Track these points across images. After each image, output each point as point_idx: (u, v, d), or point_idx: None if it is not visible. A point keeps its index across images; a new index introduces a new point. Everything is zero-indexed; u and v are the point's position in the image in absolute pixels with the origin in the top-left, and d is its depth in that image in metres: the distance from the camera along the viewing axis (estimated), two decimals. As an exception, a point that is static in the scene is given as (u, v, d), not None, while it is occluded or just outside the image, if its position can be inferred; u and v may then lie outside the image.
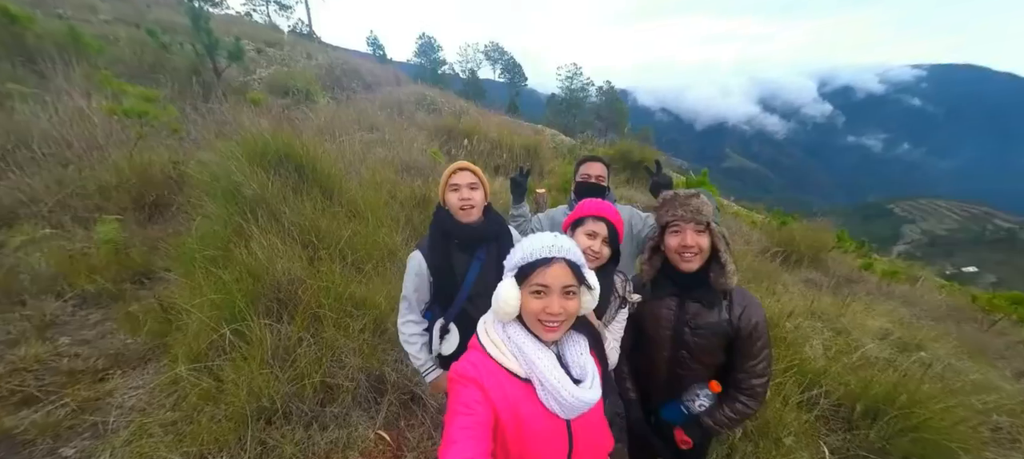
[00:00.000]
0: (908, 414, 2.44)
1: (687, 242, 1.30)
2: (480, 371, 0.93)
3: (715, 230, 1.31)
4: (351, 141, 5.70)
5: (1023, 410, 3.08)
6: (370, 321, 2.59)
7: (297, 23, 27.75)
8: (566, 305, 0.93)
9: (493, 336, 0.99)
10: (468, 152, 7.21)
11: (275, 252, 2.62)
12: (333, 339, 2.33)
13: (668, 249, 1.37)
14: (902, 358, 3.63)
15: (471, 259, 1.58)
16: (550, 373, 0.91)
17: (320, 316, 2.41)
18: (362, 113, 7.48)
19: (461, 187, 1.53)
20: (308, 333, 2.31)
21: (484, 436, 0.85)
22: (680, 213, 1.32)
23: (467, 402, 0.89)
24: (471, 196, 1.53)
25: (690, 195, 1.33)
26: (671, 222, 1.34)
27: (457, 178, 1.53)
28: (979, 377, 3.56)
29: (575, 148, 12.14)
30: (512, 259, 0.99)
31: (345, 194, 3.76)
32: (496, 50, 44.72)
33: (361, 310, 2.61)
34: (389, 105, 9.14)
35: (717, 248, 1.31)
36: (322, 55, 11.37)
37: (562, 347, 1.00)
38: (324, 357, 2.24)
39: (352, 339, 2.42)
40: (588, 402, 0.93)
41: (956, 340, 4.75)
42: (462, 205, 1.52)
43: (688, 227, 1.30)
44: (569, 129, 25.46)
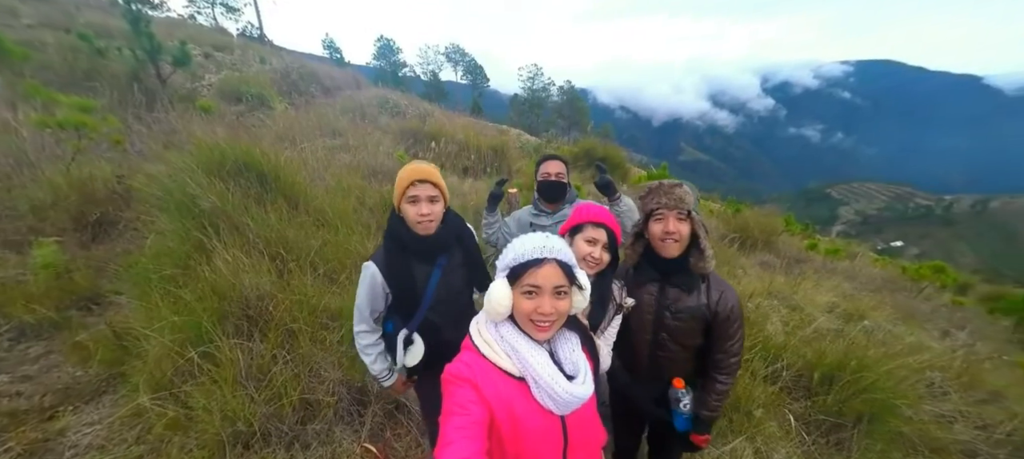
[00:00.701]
0: (858, 378, 2.68)
1: (669, 228, 1.36)
2: (474, 371, 0.94)
3: (696, 218, 1.39)
4: (313, 148, 5.49)
5: (950, 365, 3.46)
6: (347, 332, 2.51)
7: (246, 26, 26.18)
8: (557, 305, 0.94)
9: (486, 336, 0.99)
10: (436, 154, 7.13)
11: (241, 267, 2.50)
12: (310, 354, 2.25)
13: (651, 235, 1.43)
14: (849, 328, 3.97)
15: (432, 268, 1.49)
16: (544, 371, 0.93)
17: (294, 331, 2.32)
18: (323, 118, 7.21)
19: (420, 200, 1.40)
20: (283, 349, 2.21)
21: (479, 435, 0.86)
22: (664, 201, 1.38)
23: (462, 402, 0.90)
24: (431, 211, 1.41)
25: (674, 185, 1.40)
26: (655, 210, 1.40)
27: (416, 190, 1.40)
28: (913, 339, 3.95)
29: (540, 147, 12.29)
30: (504, 260, 1.00)
31: (311, 202, 3.63)
32: (457, 52, 44.37)
33: (337, 321, 2.54)
34: (351, 109, 8.85)
35: (697, 235, 1.38)
36: (276, 59, 10.84)
37: (554, 344, 1.02)
38: (301, 373, 2.16)
39: (330, 352, 2.35)
40: (581, 398, 0.95)
41: (891, 308, 5.25)
42: (421, 220, 1.41)
43: (671, 214, 1.37)
44: (533, 128, 25.68)
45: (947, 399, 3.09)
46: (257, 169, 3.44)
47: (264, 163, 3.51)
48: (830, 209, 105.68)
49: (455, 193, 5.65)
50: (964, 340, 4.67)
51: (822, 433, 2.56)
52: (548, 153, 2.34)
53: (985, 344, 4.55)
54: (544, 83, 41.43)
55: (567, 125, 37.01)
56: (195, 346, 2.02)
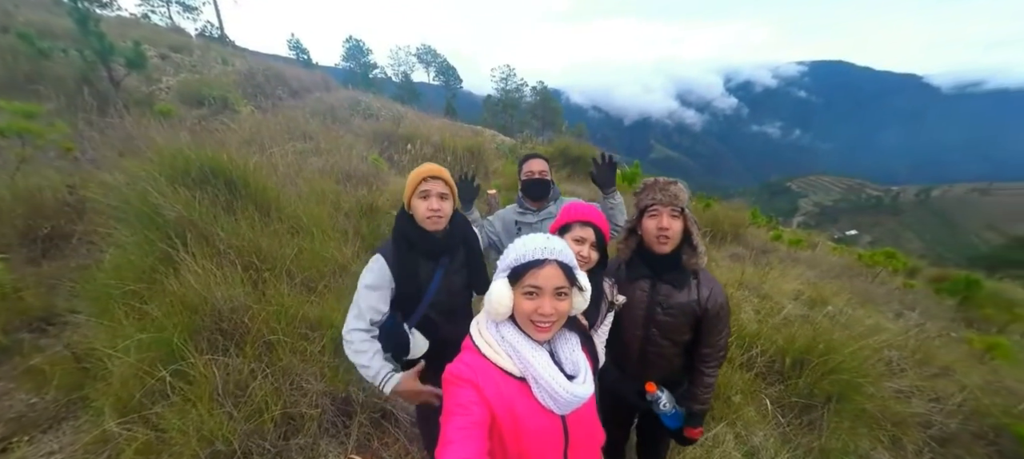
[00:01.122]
0: (826, 361, 2.84)
1: (663, 224, 1.39)
2: (475, 371, 0.94)
3: (688, 216, 1.42)
4: (283, 152, 5.30)
5: (905, 344, 3.72)
6: (329, 341, 2.45)
7: (205, 26, 24.87)
8: (558, 306, 0.95)
9: (487, 336, 0.99)
10: (412, 156, 7.02)
11: (212, 278, 2.38)
12: (290, 366, 2.17)
13: (645, 231, 1.46)
14: (814, 313, 4.19)
15: (435, 266, 1.51)
16: (545, 371, 0.93)
17: (273, 343, 2.23)
18: (292, 121, 6.97)
19: (431, 195, 1.44)
20: (261, 363, 2.12)
21: (480, 436, 0.86)
22: (659, 198, 1.41)
23: (462, 402, 0.89)
24: (441, 207, 1.45)
25: (669, 182, 1.43)
26: (650, 206, 1.43)
27: (427, 185, 1.44)
28: (871, 322, 4.22)
29: (516, 147, 12.35)
30: (505, 260, 1.00)
31: (284, 209, 3.51)
32: (429, 53, 43.82)
33: (318, 331, 2.47)
34: (321, 112, 8.60)
35: (689, 232, 1.42)
36: (239, 60, 10.38)
37: (555, 344, 1.02)
38: (282, 386, 2.08)
39: (311, 363, 2.27)
40: (582, 397, 0.96)
41: (851, 293, 5.59)
42: (431, 216, 1.44)
43: (665, 211, 1.40)
44: (507, 129, 25.77)
45: (904, 376, 3.32)
46: (225, 175, 3.29)
47: (232, 169, 3.36)
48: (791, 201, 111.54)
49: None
50: (916, 320, 5.02)
51: (796, 414, 2.70)
52: (530, 152, 2.36)
53: (934, 322, 4.91)
54: (517, 84, 41.58)
55: (541, 125, 37.32)
56: (165, 364, 1.91)
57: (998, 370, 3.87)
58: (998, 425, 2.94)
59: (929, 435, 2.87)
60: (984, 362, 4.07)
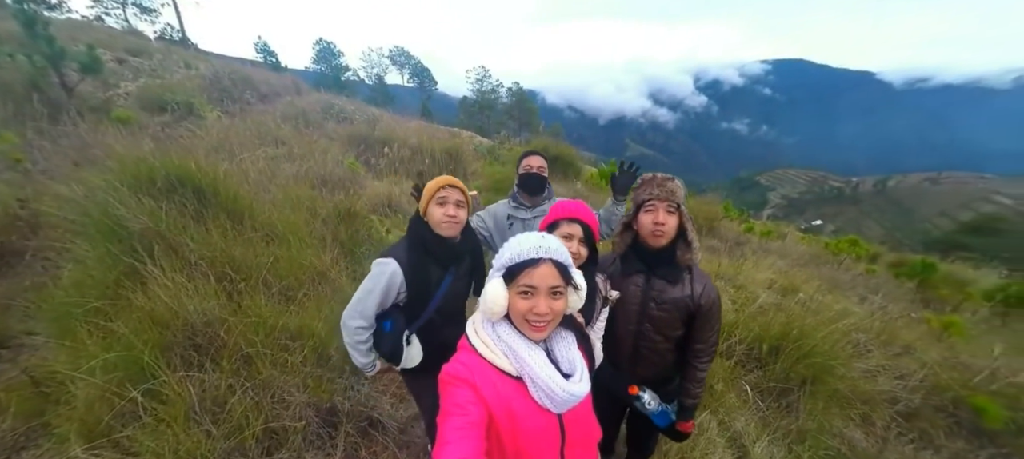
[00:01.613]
0: (799, 346, 2.96)
1: (659, 220, 1.41)
2: (472, 371, 0.93)
3: (684, 212, 1.44)
4: (254, 158, 5.12)
5: (871, 326, 3.92)
6: (310, 351, 2.38)
7: (165, 28, 23.69)
8: (553, 305, 0.95)
9: (483, 336, 0.99)
10: (389, 159, 6.92)
11: (183, 292, 2.27)
12: (271, 379, 2.10)
13: (641, 226, 1.47)
14: (786, 301, 4.37)
15: (444, 273, 1.57)
16: (541, 370, 0.93)
17: (251, 356, 2.15)
18: (262, 126, 6.73)
19: (448, 202, 1.51)
20: (239, 377, 2.04)
21: (478, 436, 0.85)
22: (656, 193, 1.42)
23: (460, 402, 0.89)
24: (458, 213, 1.52)
25: (666, 178, 1.45)
26: (647, 200, 1.44)
27: (445, 193, 1.52)
28: (839, 307, 4.43)
29: (494, 148, 12.35)
30: (500, 259, 0.99)
31: (258, 217, 3.39)
32: (402, 55, 43.23)
33: (298, 341, 2.39)
34: (292, 116, 8.35)
35: (685, 228, 1.44)
36: (203, 64, 9.94)
37: (551, 343, 1.02)
38: (263, 400, 2.01)
39: (293, 374, 2.20)
40: (578, 396, 0.96)
41: (819, 280, 5.84)
42: (448, 221, 1.50)
43: (661, 206, 1.41)
44: (484, 130, 25.69)
45: (871, 356, 3.49)
46: (193, 184, 3.15)
47: (201, 177, 3.23)
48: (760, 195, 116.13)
49: (412, 198, 5.52)
50: (879, 303, 5.31)
51: (774, 398, 2.80)
52: (530, 149, 2.40)
53: (896, 305, 5.21)
54: (493, 85, 41.55)
55: (518, 126, 37.42)
56: (136, 384, 1.81)
57: (954, 346, 4.13)
58: (957, 398, 3.14)
59: (895, 411, 3.03)
60: (941, 340, 4.34)
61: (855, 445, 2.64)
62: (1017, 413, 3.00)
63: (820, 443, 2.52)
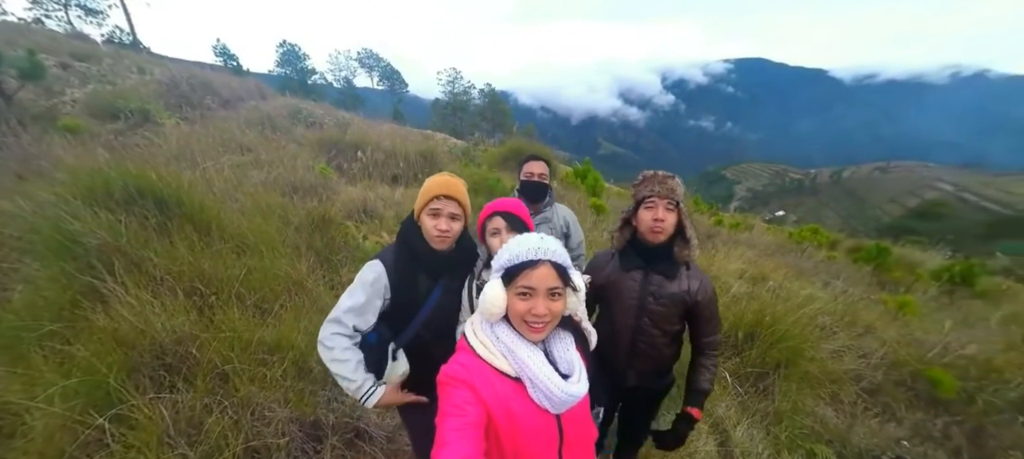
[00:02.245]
0: (773, 331, 3.10)
1: (659, 216, 1.43)
2: (470, 372, 0.93)
3: (683, 210, 1.47)
4: (219, 166, 4.90)
5: (835, 309, 4.15)
6: (290, 364, 2.29)
7: (113, 31, 22.19)
8: (551, 306, 0.95)
9: (481, 337, 0.98)
10: (363, 164, 6.77)
11: (149, 309, 2.14)
12: (250, 395, 2.01)
13: (640, 222, 1.49)
14: (757, 289, 4.56)
15: (434, 284, 1.45)
16: (540, 371, 0.93)
17: (227, 373, 2.05)
18: (226, 133, 6.44)
19: (441, 215, 1.37)
20: (215, 396, 1.95)
21: (476, 436, 0.85)
22: (656, 190, 1.44)
23: (458, 403, 0.89)
24: (451, 227, 1.38)
25: (666, 176, 1.46)
26: (647, 198, 1.46)
27: (439, 204, 1.37)
28: (806, 292, 4.66)
29: (469, 149, 12.30)
30: (499, 260, 0.99)
31: (227, 227, 3.25)
32: (371, 57, 42.27)
33: (277, 354, 2.30)
34: (257, 121, 8.02)
35: (683, 225, 1.47)
36: (159, 68, 9.41)
37: (549, 344, 1.03)
38: (242, 418, 1.92)
39: (273, 389, 2.12)
40: (577, 396, 0.96)
41: (786, 268, 6.14)
42: (439, 236, 1.38)
43: (661, 203, 1.43)
44: (458, 132, 25.49)
45: (836, 338, 3.70)
46: (154, 195, 2.98)
47: (163, 187, 3.06)
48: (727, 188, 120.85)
49: (388, 203, 5.43)
50: (841, 287, 5.63)
51: (751, 383, 2.92)
52: (532, 153, 2.32)
53: (856, 288, 5.53)
54: (465, 86, 41.32)
55: (491, 127, 37.35)
56: (101, 410, 1.69)
57: (909, 324, 4.43)
58: (914, 372, 3.37)
59: (860, 388, 3.22)
60: (897, 319, 4.65)
61: (827, 422, 2.78)
62: (967, 383, 3.25)
63: (795, 423, 2.64)
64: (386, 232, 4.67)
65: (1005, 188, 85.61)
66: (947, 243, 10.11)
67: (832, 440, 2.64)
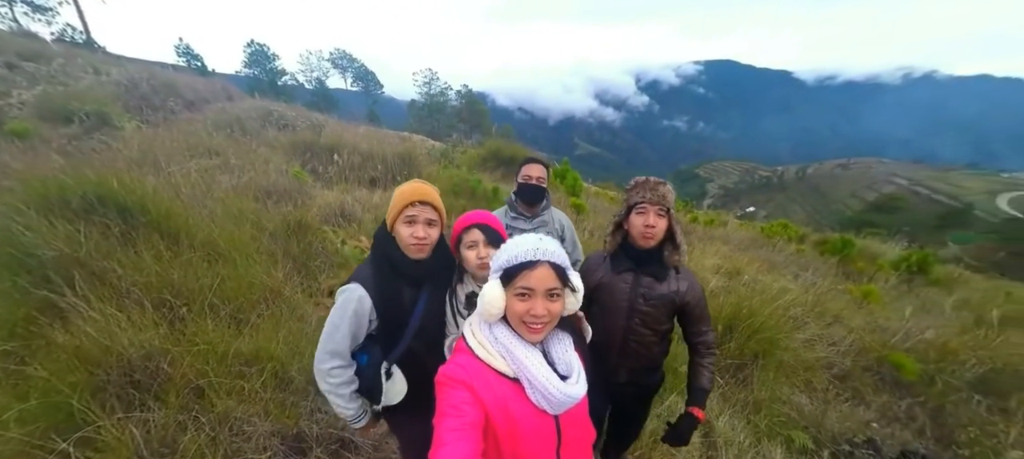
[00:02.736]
0: (750, 324, 3.21)
1: (650, 222, 1.45)
2: (469, 373, 0.93)
3: (673, 215, 1.49)
4: (185, 170, 4.68)
5: (805, 300, 4.32)
6: (270, 376, 2.21)
7: (65, 30, 20.86)
8: (550, 307, 0.95)
9: (480, 337, 0.98)
10: (340, 167, 6.61)
11: (115, 324, 2.02)
12: (227, 410, 1.92)
13: (631, 226, 1.51)
14: (734, 283, 4.71)
15: (418, 293, 1.40)
16: (539, 371, 0.93)
17: (202, 388, 1.96)
18: (192, 136, 6.17)
19: (417, 222, 1.32)
20: (190, 413, 1.85)
21: (474, 437, 0.85)
22: (648, 196, 1.46)
23: (456, 404, 0.88)
24: (427, 234, 1.33)
25: (658, 182, 1.49)
26: (639, 203, 1.48)
27: (414, 211, 1.31)
28: (779, 285, 4.84)
29: (447, 151, 12.21)
30: (497, 261, 0.99)
31: (197, 235, 3.11)
32: (344, 57, 41.37)
33: (255, 366, 2.22)
34: (226, 124, 7.72)
35: (673, 231, 1.50)
36: (116, 69, 8.90)
37: (547, 345, 1.03)
38: (220, 434, 1.84)
39: (252, 403, 2.04)
40: (575, 397, 0.96)
41: (758, 262, 6.37)
42: (416, 243, 1.32)
43: (652, 209, 1.46)
44: (435, 133, 25.28)
45: (807, 327, 3.85)
46: (117, 202, 2.83)
47: (126, 195, 2.90)
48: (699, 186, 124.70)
49: (367, 206, 5.33)
50: (810, 279, 5.88)
51: (731, 374, 3.01)
52: (531, 156, 2.31)
53: (823, 279, 5.78)
54: (441, 88, 41.05)
55: (469, 128, 37.22)
56: (64, 434, 1.58)
57: (873, 312, 4.67)
58: (880, 357, 3.55)
59: (832, 374, 3.38)
60: (862, 307, 4.89)
61: (802, 409, 2.90)
62: (927, 365, 3.45)
63: (773, 411, 2.74)
64: (365, 236, 4.58)
65: (954, 182, 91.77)
66: (904, 234, 10.70)
67: (808, 426, 2.75)
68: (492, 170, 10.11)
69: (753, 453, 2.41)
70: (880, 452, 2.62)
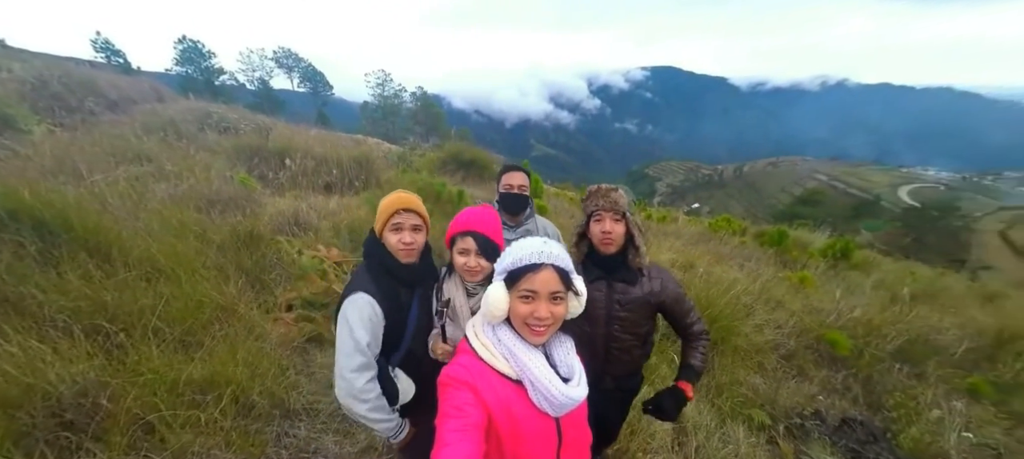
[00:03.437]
0: (709, 314, 3.41)
1: (606, 228, 1.49)
2: (472, 374, 0.93)
3: (630, 219, 1.53)
4: (112, 179, 4.21)
5: (752, 289, 4.67)
6: (229, 402, 2.04)
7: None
8: (554, 310, 0.96)
9: (483, 339, 0.99)
10: (292, 172, 6.25)
11: (38, 357, 1.77)
12: (184, 445, 1.75)
13: (591, 235, 1.54)
14: (689, 276, 5.00)
15: (412, 295, 1.45)
16: (541, 374, 0.94)
17: (151, 422, 1.77)
18: (117, 140, 5.56)
19: (404, 229, 1.38)
20: (138, 453, 1.67)
21: (476, 438, 0.85)
22: (602, 203, 1.50)
23: (459, 405, 0.89)
24: (415, 239, 1.40)
25: (610, 189, 1.53)
26: (594, 212, 1.52)
27: (400, 218, 1.38)
28: (729, 276, 5.20)
29: (405, 154, 11.93)
30: (502, 264, 0.99)
31: (132, 251, 2.81)
32: (290, 57, 39.00)
33: (211, 393, 2.03)
34: (158, 127, 7.03)
35: (632, 234, 1.53)
36: (19, 64, 7.78)
37: (550, 348, 1.04)
38: (175, 471, 1.67)
39: (211, 434, 1.87)
40: (577, 400, 0.97)
41: (708, 255, 6.80)
42: (404, 249, 1.38)
43: (607, 215, 1.49)
44: (390, 136, 24.59)
45: (756, 314, 4.17)
46: (31, 217, 2.49)
47: (42, 208, 2.56)
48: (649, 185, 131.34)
49: (323, 213, 5.08)
50: (753, 268, 6.37)
51: (695, 363, 3.19)
52: (511, 164, 2.26)
53: (766, 268, 6.28)
54: (395, 90, 39.98)
55: (425, 131, 36.57)
56: (-21, 490, 1.36)
57: (809, 296, 5.14)
58: (818, 336, 3.92)
59: (779, 355, 3.68)
60: (799, 292, 5.37)
61: (758, 389, 3.13)
62: (857, 340, 3.86)
63: (734, 393, 2.94)
64: (322, 245, 4.35)
65: (863, 176, 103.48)
66: (826, 224, 11.87)
67: (763, 404, 2.98)
68: (452, 173, 10.00)
69: (719, 434, 2.57)
70: (825, 422, 2.89)
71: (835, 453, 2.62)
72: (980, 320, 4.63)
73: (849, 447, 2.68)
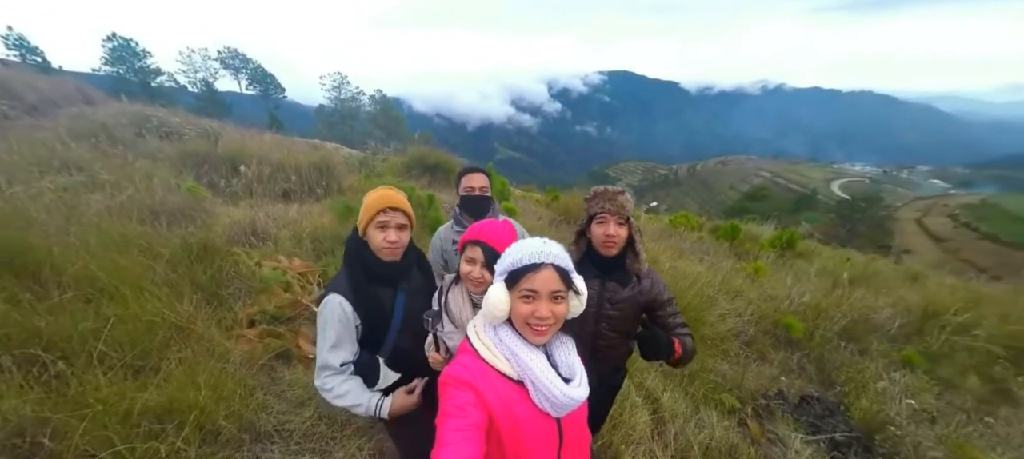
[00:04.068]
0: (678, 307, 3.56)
1: (610, 232, 1.49)
2: (473, 374, 0.93)
3: (632, 224, 1.54)
4: (37, 191, 3.78)
5: (714, 281, 4.93)
6: (193, 429, 1.88)
7: None
8: (554, 310, 0.96)
9: (484, 339, 0.98)
10: (248, 179, 5.88)
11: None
12: (141, 478, 1.59)
13: (593, 236, 1.54)
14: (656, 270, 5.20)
15: (395, 292, 1.44)
16: (543, 374, 0.94)
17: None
18: (41, 147, 5.00)
19: (389, 227, 1.37)
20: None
21: (477, 438, 0.85)
22: (607, 207, 1.49)
23: (460, 404, 0.88)
24: (400, 238, 1.39)
25: (617, 192, 1.52)
26: (598, 214, 1.51)
27: (386, 216, 1.36)
28: (692, 270, 5.47)
29: (367, 159, 11.57)
30: (502, 264, 0.99)
31: (66, 269, 2.54)
32: (236, 57, 36.61)
33: (171, 421, 1.87)
34: (88, 132, 6.38)
35: (633, 238, 1.55)
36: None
37: (551, 348, 1.04)
38: (134, 509, 1.52)
39: (173, 463, 1.71)
40: (577, 400, 0.98)
41: (671, 250, 7.10)
42: (388, 247, 1.37)
43: (612, 219, 1.49)
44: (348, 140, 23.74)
45: (718, 304, 4.41)
46: (-59, 237, 2.18)
47: (-46, 226, 2.25)
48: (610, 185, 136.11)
49: (282, 222, 4.82)
50: (712, 261, 6.74)
51: (668, 354, 3.32)
52: (470, 166, 2.18)
53: (724, 261, 6.65)
54: (353, 92, 38.68)
55: (385, 135, 35.63)
56: None
57: (763, 284, 5.50)
58: (774, 321, 4.20)
59: (742, 342, 3.90)
60: (755, 281, 5.73)
61: (726, 375, 3.31)
62: (808, 323, 4.17)
63: (705, 381, 3.09)
64: (284, 255, 4.13)
65: (801, 172, 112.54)
66: (772, 218, 12.77)
67: (732, 388, 3.15)
68: (417, 177, 9.81)
69: (695, 420, 2.68)
70: (787, 400, 3.10)
71: (798, 429, 2.82)
72: (908, 299, 5.15)
73: (809, 422, 2.89)
